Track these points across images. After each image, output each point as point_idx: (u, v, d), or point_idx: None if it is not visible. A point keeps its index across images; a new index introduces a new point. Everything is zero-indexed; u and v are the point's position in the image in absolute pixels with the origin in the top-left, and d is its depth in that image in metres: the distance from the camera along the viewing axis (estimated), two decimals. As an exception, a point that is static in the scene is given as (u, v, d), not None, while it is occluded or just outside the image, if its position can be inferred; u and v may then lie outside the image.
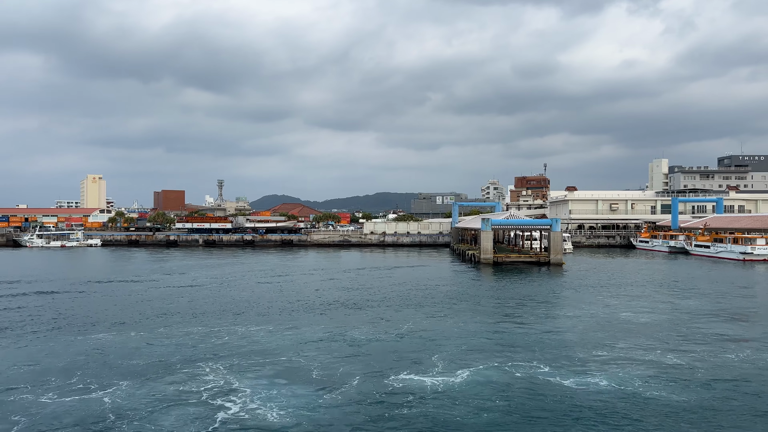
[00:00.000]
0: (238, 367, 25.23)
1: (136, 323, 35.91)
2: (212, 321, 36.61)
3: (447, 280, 63.37)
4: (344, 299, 46.64)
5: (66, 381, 23.46)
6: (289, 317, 38.01)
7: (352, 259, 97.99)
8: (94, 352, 28.19)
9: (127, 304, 44.23)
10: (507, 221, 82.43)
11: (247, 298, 47.56)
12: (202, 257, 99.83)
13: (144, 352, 28.14)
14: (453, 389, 22.00)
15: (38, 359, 26.92)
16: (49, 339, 31.38)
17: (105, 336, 32.04)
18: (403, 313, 39.39)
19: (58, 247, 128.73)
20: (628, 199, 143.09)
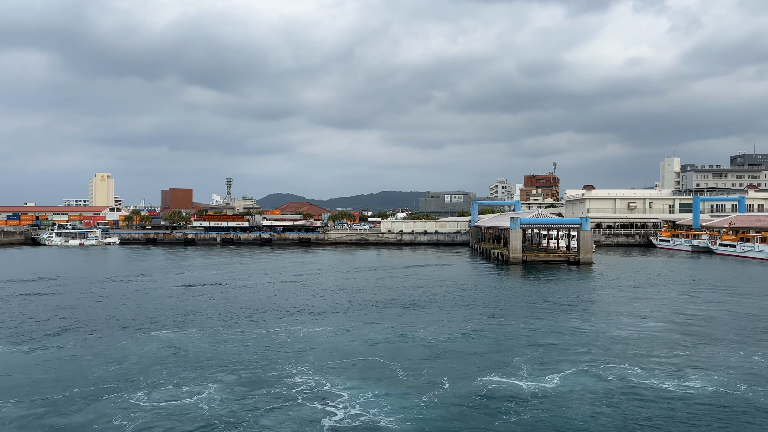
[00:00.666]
0: (321, 369, 24.92)
1: (196, 322, 35.67)
2: (269, 321, 36.31)
3: (482, 279, 62.96)
4: (392, 298, 46.33)
5: (154, 381, 23.21)
6: (345, 317, 37.70)
7: (376, 257, 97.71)
8: (169, 352, 27.94)
9: (179, 302, 43.97)
10: (536, 220, 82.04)
11: (294, 296, 47.28)
12: (226, 256, 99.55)
13: (218, 352, 27.89)
14: (554, 393, 21.63)
15: (118, 358, 26.67)
16: (121, 338, 31.16)
17: (173, 335, 31.81)
18: (460, 314, 39.05)
19: (77, 245, 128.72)
20: (646, 198, 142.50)
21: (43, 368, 25.26)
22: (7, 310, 40.39)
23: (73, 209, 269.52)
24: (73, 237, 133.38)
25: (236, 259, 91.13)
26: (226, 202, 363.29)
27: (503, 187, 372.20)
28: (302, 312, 39.81)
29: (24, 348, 28.94)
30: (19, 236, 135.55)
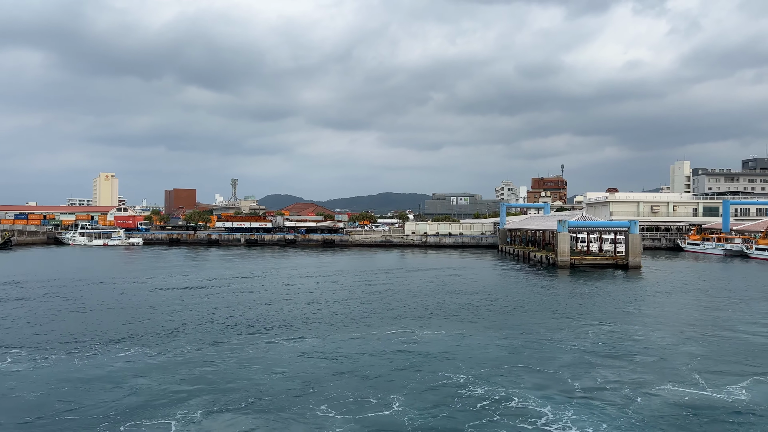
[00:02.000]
0: (481, 377, 24.48)
1: (275, 328, 34.84)
2: (355, 326, 35.47)
3: (538, 283, 62.32)
4: (459, 304, 45.12)
5: (264, 398, 22.24)
6: (458, 323, 37.15)
7: (411, 259, 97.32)
8: (261, 363, 26.59)
9: (239, 307, 43.11)
10: (584, 223, 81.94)
11: (350, 302, 46.28)
12: (258, 256, 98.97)
13: (316, 363, 26.86)
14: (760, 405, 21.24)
15: (210, 367, 25.80)
16: (199, 345, 30.05)
17: (252, 343, 30.48)
18: (559, 322, 38.41)
19: (100, 245, 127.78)
20: (669, 201, 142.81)
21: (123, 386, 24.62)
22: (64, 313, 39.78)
23: (80, 209, 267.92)
24: (96, 237, 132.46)
25: (275, 261, 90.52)
26: (231, 202, 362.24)
27: (509, 189, 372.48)
28: (371, 316, 39.22)
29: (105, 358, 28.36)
30: (42, 236, 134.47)
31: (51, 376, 24.07)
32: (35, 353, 27.83)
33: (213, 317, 38.18)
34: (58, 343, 29.95)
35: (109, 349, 28.75)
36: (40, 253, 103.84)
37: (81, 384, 23.13)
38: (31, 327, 34.30)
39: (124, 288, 53.66)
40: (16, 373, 24.62)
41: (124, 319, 37.33)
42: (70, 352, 28.07)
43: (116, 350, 28.61)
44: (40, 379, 23.80)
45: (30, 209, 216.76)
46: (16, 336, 31.74)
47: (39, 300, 45.44)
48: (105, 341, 30.56)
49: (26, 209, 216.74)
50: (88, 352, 28.11)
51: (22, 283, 56.95)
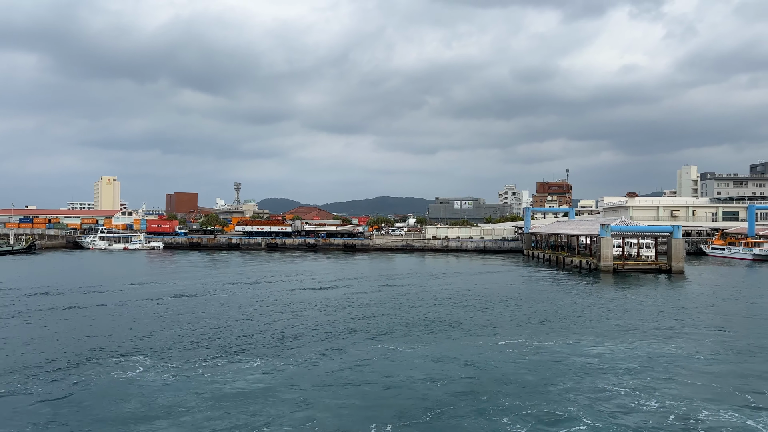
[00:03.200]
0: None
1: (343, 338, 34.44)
2: (423, 335, 34.64)
3: (589, 290, 61.98)
4: (522, 313, 43.28)
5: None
6: (521, 332, 36.67)
7: (433, 264, 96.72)
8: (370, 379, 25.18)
9: (307, 315, 42.74)
10: (626, 228, 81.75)
11: (407, 308, 45.86)
12: (286, 260, 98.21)
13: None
14: None
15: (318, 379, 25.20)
16: (295, 356, 29.57)
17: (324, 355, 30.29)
18: (648, 333, 38.19)
19: (121, 249, 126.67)
20: (689, 206, 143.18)
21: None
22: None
23: (85, 212, 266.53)
24: (116, 241, 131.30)
25: (306, 265, 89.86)
26: (234, 206, 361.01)
27: (512, 193, 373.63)
28: (436, 323, 38.77)
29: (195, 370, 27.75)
30: (60, 240, 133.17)
31: (199, 388, 23.46)
32: (177, 363, 27.18)
33: (296, 324, 37.59)
34: (184, 351, 29.31)
35: (229, 360, 28.13)
36: (66, 258, 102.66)
37: (235, 398, 22.55)
38: (141, 332, 33.61)
39: (185, 291, 52.86)
40: (171, 384, 23.98)
41: (216, 326, 36.68)
42: (202, 361, 27.45)
43: (239, 361, 27.99)
44: (198, 391, 23.19)
45: (34, 213, 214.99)
46: (134, 344, 31.05)
47: (121, 306, 44.67)
48: (223, 351, 29.92)
49: (30, 213, 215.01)
50: (221, 362, 27.48)
51: (79, 289, 56.09)
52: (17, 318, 39.03)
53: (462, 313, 43.04)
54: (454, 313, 42.69)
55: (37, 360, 27.39)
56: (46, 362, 26.97)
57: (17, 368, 25.89)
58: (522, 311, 44.20)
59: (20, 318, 39.05)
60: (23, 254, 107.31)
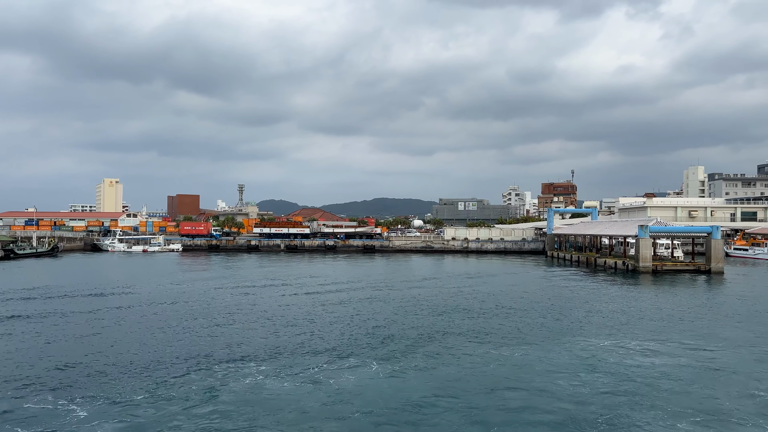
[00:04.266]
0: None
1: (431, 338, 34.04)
2: (496, 340, 34.43)
3: (642, 292, 61.59)
4: (572, 318, 41.89)
5: None
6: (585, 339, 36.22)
7: (458, 265, 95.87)
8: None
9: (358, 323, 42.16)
10: (665, 228, 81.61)
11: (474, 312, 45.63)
12: (309, 262, 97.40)
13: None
14: None
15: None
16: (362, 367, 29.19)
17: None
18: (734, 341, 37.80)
19: (140, 252, 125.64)
20: (707, 207, 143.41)
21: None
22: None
23: (90, 214, 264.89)
24: (135, 243, 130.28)
25: (332, 266, 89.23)
26: (238, 208, 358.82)
27: (516, 194, 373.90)
28: (505, 330, 38.35)
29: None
30: (79, 242, 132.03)
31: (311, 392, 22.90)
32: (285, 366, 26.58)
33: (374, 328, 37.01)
34: (294, 355, 28.70)
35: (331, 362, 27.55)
36: (92, 260, 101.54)
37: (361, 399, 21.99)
38: (238, 338, 32.97)
39: (255, 290, 52.09)
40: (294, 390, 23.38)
41: (308, 330, 36.07)
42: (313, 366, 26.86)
43: (357, 365, 27.41)
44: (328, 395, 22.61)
45: (39, 215, 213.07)
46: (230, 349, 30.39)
47: (208, 308, 43.97)
48: (333, 354, 29.33)
49: (35, 215, 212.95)
50: (322, 366, 26.90)
51: (147, 291, 55.32)
52: (109, 320, 38.28)
53: (522, 316, 42.40)
54: (516, 317, 42.18)
55: (159, 361, 26.76)
56: (172, 364, 26.36)
57: (148, 372, 25.26)
58: (578, 315, 42.89)
59: (103, 320, 38.32)
60: (47, 257, 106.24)
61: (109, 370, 25.93)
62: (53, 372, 25.50)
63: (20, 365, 26.67)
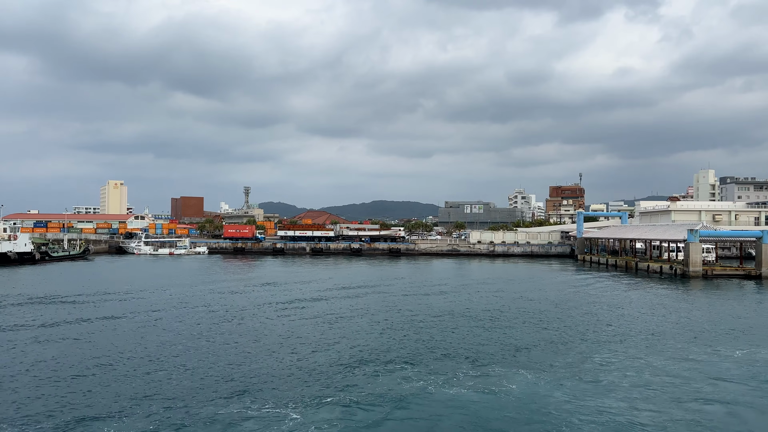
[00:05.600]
0: None
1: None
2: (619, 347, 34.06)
3: (701, 298, 61.35)
4: (657, 326, 41.83)
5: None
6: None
7: (491, 268, 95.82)
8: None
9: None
10: (715, 232, 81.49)
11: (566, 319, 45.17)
12: (352, 264, 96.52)
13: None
14: None
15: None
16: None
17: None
18: None
19: (166, 254, 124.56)
20: (731, 211, 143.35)
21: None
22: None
23: (96, 217, 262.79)
24: (161, 246, 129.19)
25: (369, 269, 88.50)
26: (244, 210, 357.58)
27: (522, 197, 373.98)
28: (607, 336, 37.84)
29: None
30: (103, 244, 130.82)
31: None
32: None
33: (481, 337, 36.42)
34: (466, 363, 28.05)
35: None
36: (122, 263, 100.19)
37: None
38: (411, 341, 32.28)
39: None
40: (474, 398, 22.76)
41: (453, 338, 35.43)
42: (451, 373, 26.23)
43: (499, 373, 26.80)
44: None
45: (46, 217, 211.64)
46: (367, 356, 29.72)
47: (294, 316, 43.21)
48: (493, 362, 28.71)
49: (43, 217, 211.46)
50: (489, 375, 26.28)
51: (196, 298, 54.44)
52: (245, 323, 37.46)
53: (590, 322, 42.04)
54: (581, 323, 41.73)
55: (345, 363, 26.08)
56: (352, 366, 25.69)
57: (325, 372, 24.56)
58: (670, 324, 42.21)
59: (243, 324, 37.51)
60: (79, 259, 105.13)
61: (300, 373, 25.24)
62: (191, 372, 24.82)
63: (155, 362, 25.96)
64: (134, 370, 26.72)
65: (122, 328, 37.35)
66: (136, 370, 26.70)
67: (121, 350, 30.63)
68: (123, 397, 22.61)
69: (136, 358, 29.02)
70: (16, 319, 39.93)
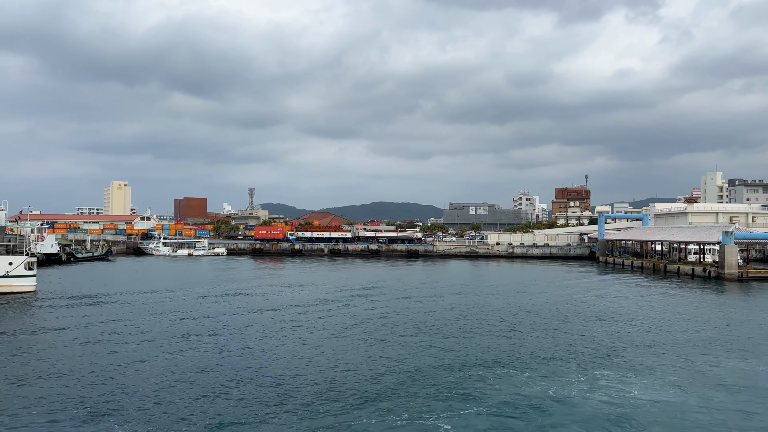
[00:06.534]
0: None
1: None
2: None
3: (744, 301, 61.17)
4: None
5: None
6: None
7: (516, 270, 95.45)
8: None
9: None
10: (751, 234, 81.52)
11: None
12: (380, 265, 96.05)
13: None
14: None
15: None
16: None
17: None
18: None
19: (185, 255, 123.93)
20: (748, 213, 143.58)
21: None
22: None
23: (102, 217, 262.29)
24: (180, 247, 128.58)
25: (398, 271, 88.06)
26: (248, 212, 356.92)
27: (527, 199, 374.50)
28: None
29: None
30: (122, 245, 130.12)
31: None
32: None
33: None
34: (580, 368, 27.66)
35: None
36: (145, 264, 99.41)
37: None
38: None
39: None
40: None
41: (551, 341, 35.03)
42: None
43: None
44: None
45: (53, 218, 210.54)
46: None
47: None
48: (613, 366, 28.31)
49: (49, 218, 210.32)
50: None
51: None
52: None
53: (651, 331, 41.70)
54: (645, 333, 41.42)
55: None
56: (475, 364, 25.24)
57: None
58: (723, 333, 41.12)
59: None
60: (102, 260, 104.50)
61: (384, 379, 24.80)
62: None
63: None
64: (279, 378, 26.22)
65: (208, 331, 36.84)
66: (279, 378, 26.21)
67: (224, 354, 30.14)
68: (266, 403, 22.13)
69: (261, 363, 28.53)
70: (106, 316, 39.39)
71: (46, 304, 47.24)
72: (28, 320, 39.94)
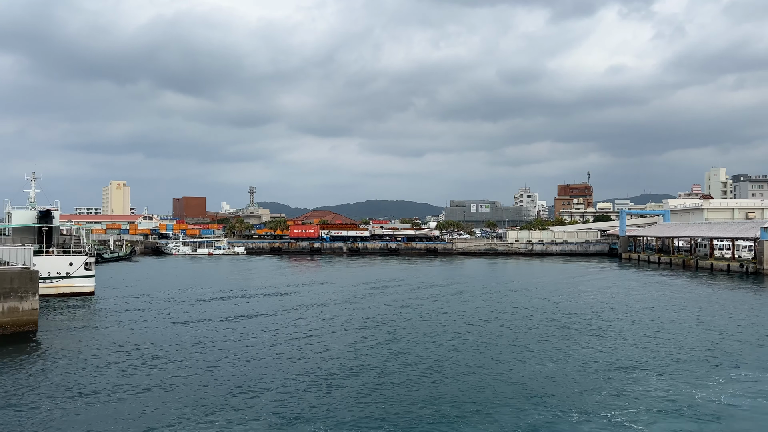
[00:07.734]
0: None
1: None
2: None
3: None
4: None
5: None
6: None
7: (540, 268, 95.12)
8: None
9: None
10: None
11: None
12: (408, 263, 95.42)
13: None
14: None
15: None
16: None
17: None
18: None
19: (205, 254, 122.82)
20: (764, 209, 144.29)
21: None
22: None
23: (105, 217, 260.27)
24: (199, 246, 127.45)
25: (443, 269, 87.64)
26: (249, 211, 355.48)
27: (528, 196, 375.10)
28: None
29: None
30: (139, 245, 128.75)
31: None
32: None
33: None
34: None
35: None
36: (169, 263, 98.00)
37: None
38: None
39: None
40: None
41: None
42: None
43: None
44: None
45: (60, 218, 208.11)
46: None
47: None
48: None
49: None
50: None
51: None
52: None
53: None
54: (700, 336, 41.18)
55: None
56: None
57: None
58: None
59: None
60: (126, 260, 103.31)
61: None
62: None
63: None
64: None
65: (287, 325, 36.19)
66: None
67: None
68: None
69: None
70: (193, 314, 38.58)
71: (112, 306, 46.28)
72: (120, 330, 39.03)
